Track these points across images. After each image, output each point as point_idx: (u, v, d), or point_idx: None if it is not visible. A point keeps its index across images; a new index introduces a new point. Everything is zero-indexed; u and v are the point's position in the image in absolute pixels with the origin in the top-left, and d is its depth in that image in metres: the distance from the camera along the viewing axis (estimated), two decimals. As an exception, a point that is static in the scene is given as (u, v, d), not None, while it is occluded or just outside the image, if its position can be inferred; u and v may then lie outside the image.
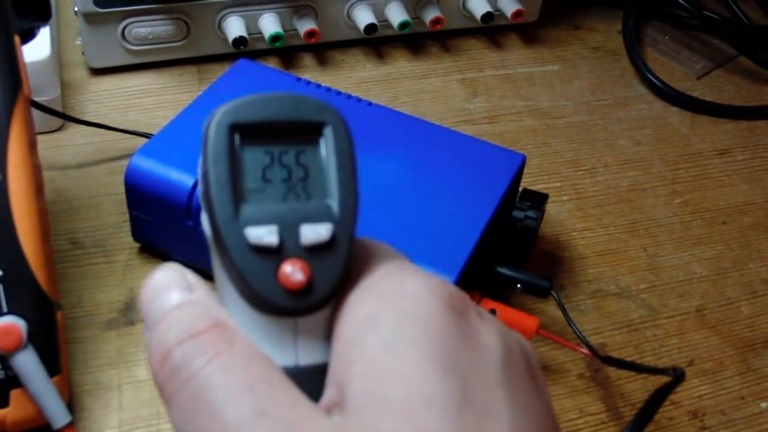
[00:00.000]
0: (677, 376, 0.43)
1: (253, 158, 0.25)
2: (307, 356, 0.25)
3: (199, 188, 0.26)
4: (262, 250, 0.24)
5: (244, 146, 0.25)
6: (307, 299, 0.24)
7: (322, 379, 0.24)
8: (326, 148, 0.26)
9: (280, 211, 0.25)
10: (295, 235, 0.25)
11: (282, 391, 0.23)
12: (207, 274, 0.27)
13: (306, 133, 0.26)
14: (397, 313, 0.24)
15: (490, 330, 0.25)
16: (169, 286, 0.26)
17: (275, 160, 0.26)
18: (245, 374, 0.23)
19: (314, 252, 0.25)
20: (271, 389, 0.23)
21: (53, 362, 0.38)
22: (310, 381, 0.24)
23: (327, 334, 0.25)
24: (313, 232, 0.25)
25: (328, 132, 0.26)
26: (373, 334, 0.23)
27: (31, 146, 0.39)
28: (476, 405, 0.22)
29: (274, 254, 0.24)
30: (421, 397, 0.22)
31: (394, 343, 0.23)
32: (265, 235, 0.24)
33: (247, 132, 0.25)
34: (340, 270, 0.25)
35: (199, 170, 0.25)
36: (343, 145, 0.26)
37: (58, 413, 0.37)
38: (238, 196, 0.25)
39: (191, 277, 0.26)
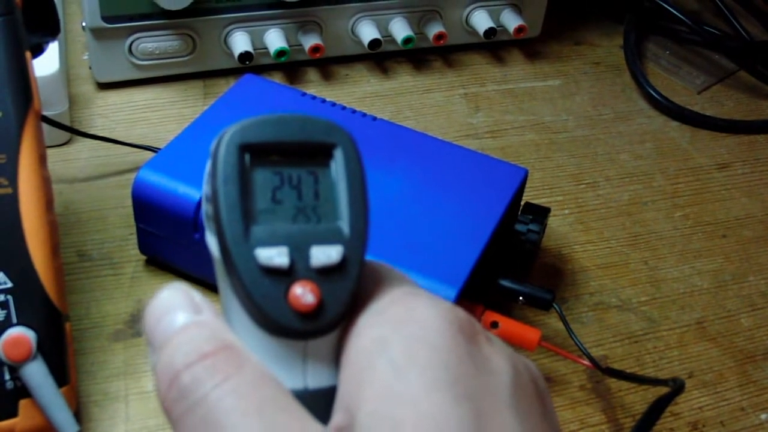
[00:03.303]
0: (677, 387, 0.44)
1: (263, 179, 0.25)
2: (316, 379, 0.25)
3: (205, 208, 0.25)
4: (272, 272, 0.24)
5: (254, 167, 0.25)
6: (317, 321, 0.24)
7: (331, 403, 0.24)
8: (337, 169, 0.26)
9: (290, 232, 0.25)
10: (306, 256, 0.24)
11: (291, 415, 0.23)
12: (213, 287, 0.27)
13: (316, 154, 0.26)
14: (407, 338, 0.24)
15: (500, 355, 0.25)
16: (174, 307, 0.25)
17: (285, 181, 0.25)
18: (254, 397, 0.23)
19: (324, 274, 0.24)
20: (281, 413, 0.23)
21: (61, 373, 0.38)
22: (319, 404, 0.24)
23: (335, 357, 0.25)
24: (324, 254, 0.24)
25: (338, 153, 0.26)
26: (384, 358, 0.23)
27: (42, 160, 0.39)
28: (488, 430, 0.22)
29: (285, 276, 0.24)
30: (433, 423, 0.22)
31: (405, 367, 0.23)
32: (275, 256, 0.24)
33: (257, 152, 0.25)
34: (350, 292, 0.25)
35: (206, 190, 0.25)
36: (354, 167, 0.26)
37: (66, 423, 0.38)
38: (248, 217, 0.24)
39: (197, 297, 0.26)
